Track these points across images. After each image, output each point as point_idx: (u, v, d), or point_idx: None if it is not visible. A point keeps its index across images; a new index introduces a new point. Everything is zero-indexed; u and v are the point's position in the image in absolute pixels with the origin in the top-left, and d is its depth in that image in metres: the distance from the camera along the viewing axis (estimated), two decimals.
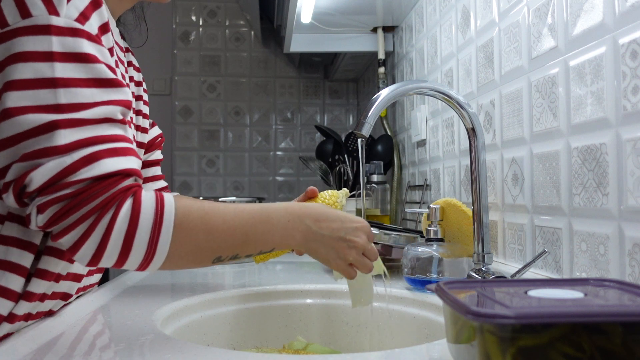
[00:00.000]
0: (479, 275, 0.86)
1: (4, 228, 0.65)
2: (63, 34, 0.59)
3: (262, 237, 0.69)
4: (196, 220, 0.64)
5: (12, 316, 0.66)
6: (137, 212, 0.60)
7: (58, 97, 0.58)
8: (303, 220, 0.71)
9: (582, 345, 0.40)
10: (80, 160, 0.58)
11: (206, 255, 0.66)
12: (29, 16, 0.58)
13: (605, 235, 0.72)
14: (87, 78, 0.60)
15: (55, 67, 0.58)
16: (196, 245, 0.64)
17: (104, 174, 0.59)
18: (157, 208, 0.61)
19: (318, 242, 0.72)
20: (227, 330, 0.94)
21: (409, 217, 1.63)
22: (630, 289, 0.50)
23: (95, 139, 0.59)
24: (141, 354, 0.61)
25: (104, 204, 0.58)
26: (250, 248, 0.68)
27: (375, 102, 0.83)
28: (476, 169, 0.88)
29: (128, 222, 0.59)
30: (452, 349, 0.52)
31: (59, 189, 0.57)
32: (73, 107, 0.59)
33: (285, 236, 0.70)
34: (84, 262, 0.61)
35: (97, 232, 0.58)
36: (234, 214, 0.67)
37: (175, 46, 2.64)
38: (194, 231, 0.63)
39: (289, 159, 2.67)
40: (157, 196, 0.62)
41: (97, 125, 0.60)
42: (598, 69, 0.73)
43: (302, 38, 1.91)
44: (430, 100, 1.48)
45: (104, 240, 0.59)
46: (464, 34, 1.20)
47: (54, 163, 0.57)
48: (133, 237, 0.60)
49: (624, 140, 0.68)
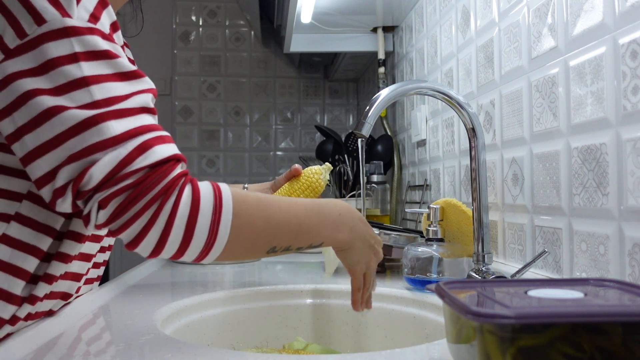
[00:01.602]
0: (479, 275, 0.86)
1: (10, 228, 0.65)
2: (80, 33, 0.59)
3: (315, 228, 0.70)
4: (253, 207, 0.64)
5: (15, 319, 0.66)
6: (197, 198, 0.60)
7: (93, 94, 0.58)
8: (353, 216, 0.74)
9: (582, 345, 0.40)
10: (135, 150, 0.58)
11: (263, 243, 0.66)
12: (44, 22, 0.58)
13: (605, 235, 0.72)
14: (114, 73, 0.61)
15: (82, 66, 0.59)
16: (255, 232, 0.64)
17: (159, 160, 0.59)
18: (215, 194, 0.62)
19: (360, 242, 0.75)
20: (227, 330, 0.94)
21: (409, 217, 1.63)
22: (630, 289, 0.50)
23: (142, 129, 0.60)
24: (141, 354, 0.61)
25: (165, 190, 0.59)
26: (303, 239, 0.70)
27: (375, 102, 0.83)
28: (476, 169, 0.88)
29: (190, 207, 0.59)
30: (452, 349, 0.52)
31: (119, 180, 0.57)
32: (110, 101, 0.59)
33: (335, 230, 0.72)
34: (145, 253, 0.60)
35: (160, 219, 0.58)
36: (288, 204, 0.68)
37: (175, 46, 2.64)
38: (252, 217, 0.64)
39: (289, 159, 2.67)
40: (213, 183, 0.63)
41: (138, 115, 0.61)
42: (598, 69, 0.73)
43: (302, 38, 1.91)
44: (430, 100, 1.48)
45: (168, 227, 0.59)
46: (464, 34, 1.20)
47: (110, 156, 0.57)
48: (195, 223, 0.60)
49: (624, 140, 0.68)
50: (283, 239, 0.68)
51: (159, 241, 0.59)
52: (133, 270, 1.17)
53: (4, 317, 0.65)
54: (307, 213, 0.70)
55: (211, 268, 1.24)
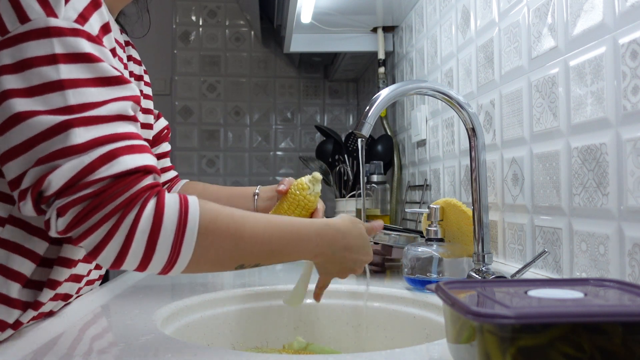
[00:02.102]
0: (479, 275, 0.86)
1: (4, 231, 0.65)
2: (63, 34, 0.58)
3: (287, 255, 0.71)
4: (223, 226, 0.63)
5: (18, 323, 0.66)
6: (160, 212, 0.59)
7: (67, 98, 0.57)
8: (332, 247, 0.74)
9: (582, 345, 0.40)
10: (99, 159, 0.57)
11: (229, 262, 0.66)
12: (28, 20, 0.57)
13: (605, 235, 0.72)
14: (93, 77, 0.60)
15: (60, 69, 0.57)
16: (221, 251, 0.64)
17: (124, 171, 0.58)
18: (181, 210, 0.60)
19: (334, 264, 0.77)
20: (227, 330, 0.94)
21: (409, 217, 1.63)
22: (630, 289, 0.50)
23: (111, 137, 0.58)
24: (141, 354, 0.61)
25: (127, 203, 0.57)
26: (273, 260, 0.71)
27: (375, 102, 0.83)
28: (476, 169, 0.88)
29: (152, 221, 0.58)
30: (452, 349, 0.52)
31: (79, 189, 0.56)
32: (84, 107, 0.58)
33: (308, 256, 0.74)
34: (106, 265, 0.59)
35: (120, 232, 0.57)
36: (264, 226, 0.67)
37: (175, 46, 2.64)
38: (220, 237, 0.63)
39: (289, 159, 2.67)
40: (181, 198, 0.62)
41: (110, 123, 0.59)
42: (598, 69, 0.73)
43: (302, 38, 1.91)
44: (430, 100, 1.48)
45: (128, 241, 0.57)
46: (464, 34, 1.20)
47: (72, 163, 0.56)
48: (157, 238, 0.58)
49: (624, 140, 0.68)
50: (251, 259, 0.67)
51: (119, 254, 0.58)
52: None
53: (7, 321, 0.65)
54: (281, 238, 0.69)
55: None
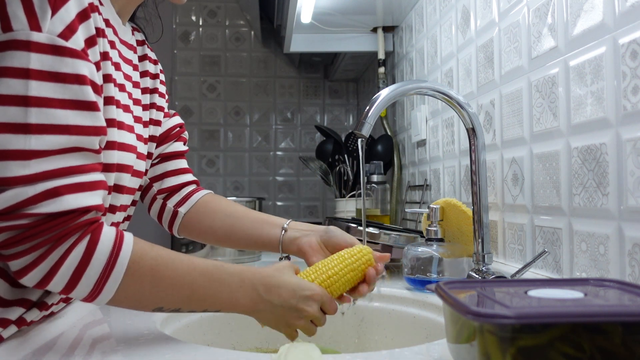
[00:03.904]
0: (479, 275, 0.86)
1: None
2: (43, 51, 0.57)
3: (209, 298, 0.68)
4: (145, 268, 0.63)
5: (21, 320, 0.66)
6: (91, 252, 0.59)
7: (29, 116, 0.56)
8: (255, 287, 0.70)
9: (582, 345, 0.40)
10: (42, 194, 0.56)
11: (148, 303, 0.65)
12: (10, 30, 0.56)
13: (605, 235, 0.72)
14: (64, 99, 0.58)
15: (30, 85, 0.56)
16: (140, 292, 0.63)
17: (62, 211, 0.58)
18: (113, 251, 0.61)
19: (267, 311, 0.71)
20: (227, 330, 0.94)
21: (409, 217, 1.63)
22: (630, 289, 0.50)
23: (61, 171, 0.58)
24: (141, 354, 0.61)
25: (58, 238, 0.58)
26: (193, 305, 0.68)
27: (375, 102, 0.83)
28: (476, 169, 0.88)
29: (80, 259, 0.59)
30: (452, 349, 0.52)
31: (15, 217, 0.56)
32: (42, 129, 0.57)
33: (232, 300, 0.69)
34: (30, 285, 0.60)
35: (47, 262, 0.58)
36: (187, 269, 0.66)
37: (175, 46, 2.64)
38: (140, 279, 0.63)
39: (289, 159, 2.67)
40: (117, 239, 0.62)
41: (65, 155, 0.59)
42: (598, 69, 0.73)
43: (302, 38, 1.91)
44: (430, 100, 1.48)
45: (52, 272, 0.58)
46: (464, 34, 1.20)
47: (14, 192, 0.56)
48: (82, 275, 0.59)
49: (624, 140, 0.68)
50: (170, 302, 0.66)
51: (41, 281, 0.59)
52: None
53: (10, 318, 0.65)
54: (204, 281, 0.67)
55: None
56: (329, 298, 0.73)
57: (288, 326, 0.72)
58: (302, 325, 0.72)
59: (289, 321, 0.72)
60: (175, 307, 0.67)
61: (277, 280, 0.71)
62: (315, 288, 0.72)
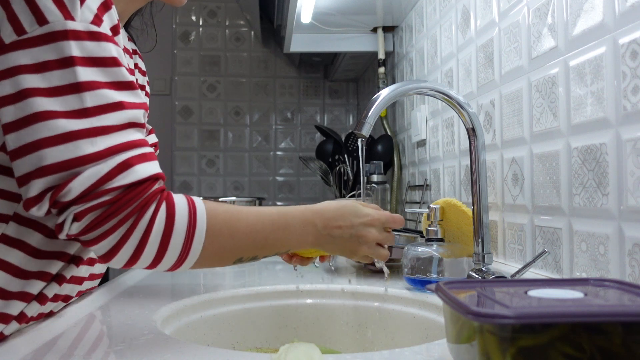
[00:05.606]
0: (479, 275, 0.86)
1: (8, 228, 0.66)
2: (81, 38, 0.59)
3: (280, 242, 0.74)
4: (222, 223, 0.66)
5: (22, 315, 0.67)
6: (172, 216, 0.62)
7: (84, 101, 0.58)
8: (315, 225, 0.76)
9: (582, 345, 0.40)
10: (116, 168, 0.59)
11: (229, 256, 0.69)
12: (46, 23, 0.58)
13: (605, 235, 0.72)
14: (109, 81, 0.61)
15: (78, 71, 0.58)
16: (222, 247, 0.67)
17: (138, 180, 0.60)
18: (190, 211, 0.63)
19: (330, 244, 0.77)
20: (227, 330, 0.94)
21: (409, 217, 1.63)
22: (630, 289, 0.50)
23: (126, 145, 0.60)
24: (141, 354, 0.61)
25: (139, 208, 0.60)
26: (268, 250, 0.73)
27: (375, 102, 0.83)
28: (476, 169, 0.88)
29: (164, 225, 0.61)
30: (452, 349, 0.52)
31: (97, 196, 0.58)
32: (100, 110, 0.59)
33: (299, 240, 0.75)
34: (119, 265, 0.62)
35: (135, 235, 0.60)
36: (256, 219, 0.71)
37: (175, 46, 2.64)
38: (220, 233, 0.66)
39: (289, 159, 2.67)
40: (189, 200, 0.65)
41: (124, 131, 0.61)
42: (598, 69, 0.73)
43: (302, 38, 1.91)
44: (430, 100, 1.48)
45: (142, 243, 0.60)
46: (464, 34, 1.20)
47: (91, 171, 0.58)
48: (169, 240, 0.61)
49: (624, 140, 0.68)
50: (249, 251, 0.70)
51: (132, 256, 0.61)
52: (133, 270, 1.17)
53: (12, 313, 0.65)
54: (273, 227, 0.72)
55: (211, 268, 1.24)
56: (388, 217, 0.81)
57: (353, 253, 0.79)
58: (367, 251, 0.79)
59: (352, 249, 0.79)
60: (253, 255, 0.72)
61: (333, 214, 0.77)
62: (372, 212, 0.79)
